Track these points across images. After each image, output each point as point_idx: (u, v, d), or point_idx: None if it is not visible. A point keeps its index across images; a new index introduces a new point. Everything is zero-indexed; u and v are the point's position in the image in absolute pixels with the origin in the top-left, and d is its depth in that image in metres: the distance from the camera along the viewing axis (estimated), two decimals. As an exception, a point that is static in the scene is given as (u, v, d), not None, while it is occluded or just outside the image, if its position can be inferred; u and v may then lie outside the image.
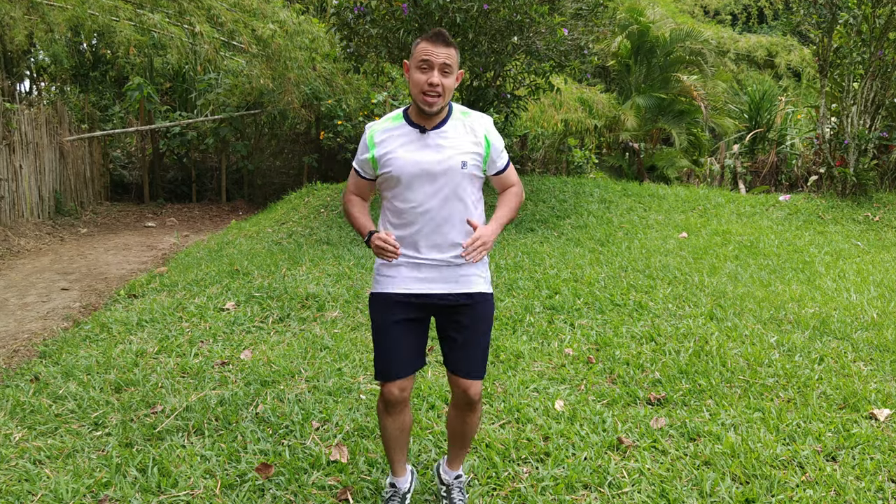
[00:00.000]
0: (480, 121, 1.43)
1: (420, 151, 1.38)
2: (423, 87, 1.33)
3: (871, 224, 4.90)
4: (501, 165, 1.47)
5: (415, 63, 1.35)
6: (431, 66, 1.33)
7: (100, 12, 5.18)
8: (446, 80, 1.34)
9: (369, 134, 1.43)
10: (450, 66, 1.34)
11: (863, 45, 5.11)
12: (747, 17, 14.19)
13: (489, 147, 1.42)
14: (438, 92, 1.34)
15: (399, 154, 1.38)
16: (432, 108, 1.35)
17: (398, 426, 1.48)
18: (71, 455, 1.81)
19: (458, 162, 1.38)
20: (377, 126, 1.44)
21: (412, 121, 1.41)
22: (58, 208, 6.03)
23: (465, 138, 1.40)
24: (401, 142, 1.39)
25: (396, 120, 1.43)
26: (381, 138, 1.41)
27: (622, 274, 3.45)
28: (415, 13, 4.37)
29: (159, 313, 2.95)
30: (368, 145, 1.42)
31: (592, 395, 2.14)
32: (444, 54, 1.33)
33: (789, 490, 1.62)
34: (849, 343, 2.52)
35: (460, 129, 1.41)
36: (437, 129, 1.40)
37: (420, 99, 1.35)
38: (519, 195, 1.49)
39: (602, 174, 8.01)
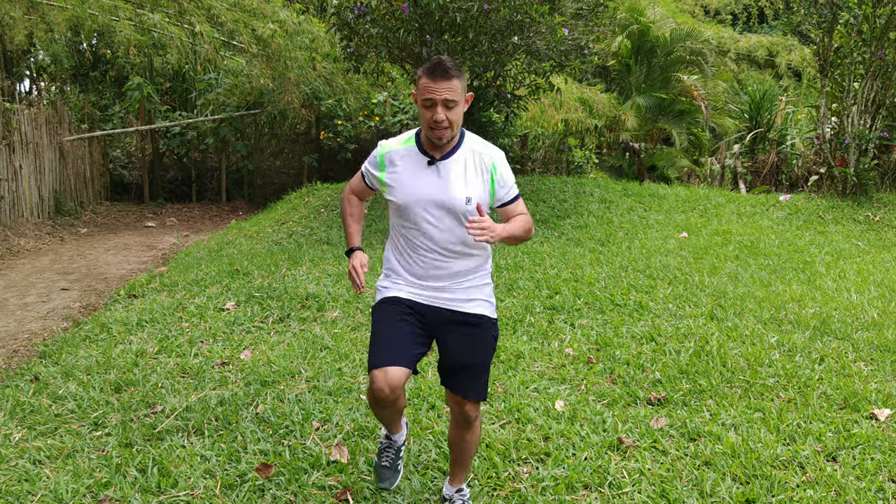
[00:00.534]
0: (491, 154, 1.42)
1: (425, 182, 1.39)
2: (429, 122, 1.34)
3: (871, 224, 4.90)
4: (507, 198, 1.44)
5: (420, 98, 1.36)
6: (434, 103, 1.32)
7: (100, 12, 5.18)
8: (451, 115, 1.33)
9: (380, 154, 1.44)
10: (453, 101, 1.33)
11: (863, 45, 5.10)
12: (748, 16, 14.18)
13: (494, 182, 1.41)
14: (444, 126, 1.34)
15: (405, 183, 1.40)
16: (441, 142, 1.37)
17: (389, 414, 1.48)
18: (71, 455, 1.81)
19: (464, 197, 1.38)
20: (389, 146, 1.44)
21: (423, 147, 1.41)
22: (58, 208, 6.03)
23: (473, 172, 1.40)
24: (408, 170, 1.41)
25: (408, 143, 1.43)
26: (391, 160, 1.43)
27: (622, 274, 3.45)
28: (415, 13, 4.36)
29: (159, 313, 2.95)
30: (379, 164, 1.45)
31: (593, 395, 2.14)
32: (445, 89, 1.31)
33: (790, 490, 1.61)
34: (849, 343, 2.52)
35: (469, 161, 1.40)
36: (446, 160, 1.40)
37: (429, 134, 1.36)
38: (528, 222, 1.45)
39: (602, 174, 8.02)
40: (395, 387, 1.36)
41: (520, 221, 1.44)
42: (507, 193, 1.45)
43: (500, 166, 1.42)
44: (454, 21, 4.32)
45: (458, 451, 1.51)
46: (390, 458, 1.56)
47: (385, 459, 1.56)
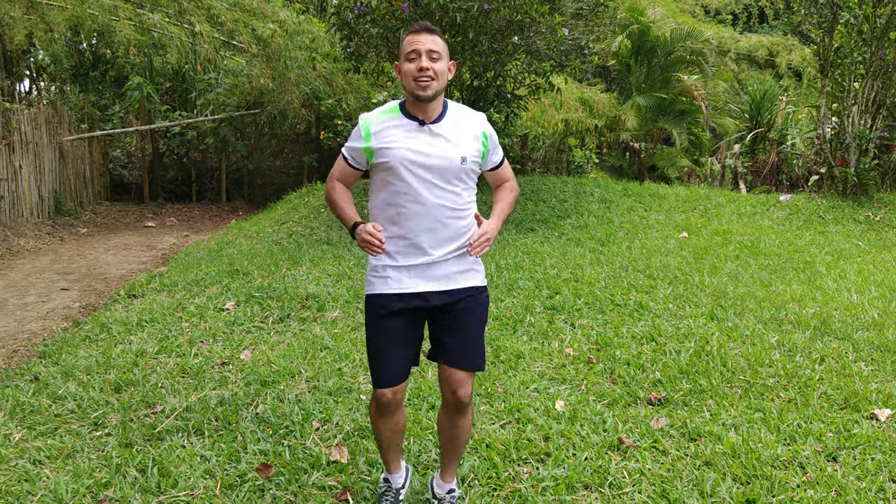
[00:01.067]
0: (476, 116, 1.44)
1: (419, 143, 1.36)
2: (413, 73, 1.32)
3: (871, 224, 4.90)
4: (497, 161, 1.48)
5: (404, 57, 1.35)
6: (419, 53, 1.33)
7: (99, 12, 5.17)
8: (436, 65, 1.33)
9: (364, 124, 1.39)
10: (437, 52, 1.34)
11: (864, 45, 5.10)
12: (748, 16, 14.17)
13: (486, 142, 1.42)
14: (430, 76, 1.33)
15: (399, 144, 1.35)
16: (426, 92, 1.33)
17: (391, 427, 1.47)
18: (71, 455, 1.80)
19: (459, 157, 1.37)
20: (372, 117, 1.40)
21: (409, 114, 1.39)
22: (57, 208, 6.03)
23: (464, 133, 1.40)
24: (399, 133, 1.37)
25: (393, 112, 1.40)
26: (378, 129, 1.37)
27: (623, 274, 3.44)
28: (415, 13, 4.36)
29: (159, 313, 2.94)
30: (364, 136, 1.38)
31: (593, 395, 2.13)
32: (429, 40, 1.33)
33: (790, 490, 1.61)
34: (850, 343, 2.52)
35: (459, 124, 1.41)
36: (436, 123, 1.38)
37: (413, 86, 1.34)
38: (514, 189, 1.52)
39: (602, 174, 8.01)
40: (397, 391, 1.43)
41: (507, 199, 1.49)
42: (496, 155, 1.48)
43: (488, 128, 1.45)
44: (454, 21, 4.31)
45: (450, 441, 1.47)
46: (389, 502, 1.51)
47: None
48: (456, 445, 1.49)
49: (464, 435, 1.48)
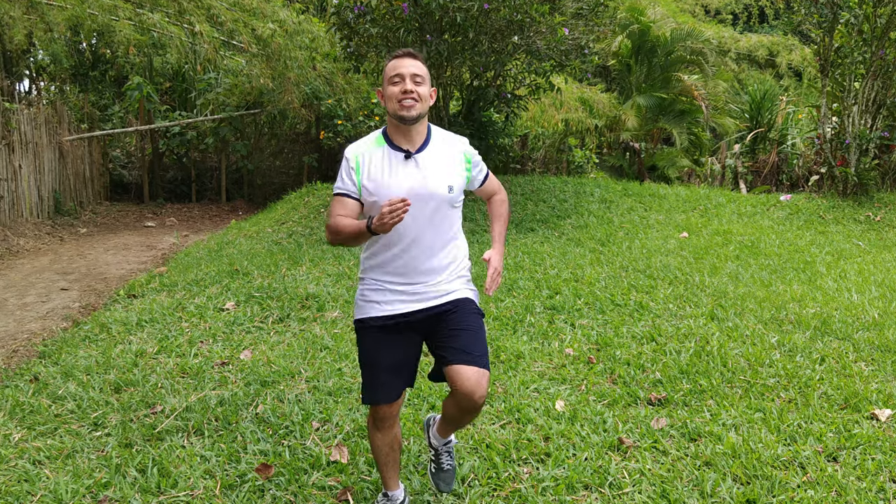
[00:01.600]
0: (459, 142, 1.47)
1: (406, 177, 1.38)
2: (397, 96, 1.35)
3: (872, 224, 4.89)
4: (482, 178, 1.53)
5: (387, 82, 1.38)
6: (403, 77, 1.36)
7: (99, 12, 5.17)
8: (420, 88, 1.36)
9: (354, 158, 1.39)
10: (420, 76, 1.37)
11: (864, 45, 5.10)
12: (748, 16, 14.17)
13: (470, 166, 1.47)
14: (414, 98, 1.34)
15: (386, 181, 1.37)
16: (410, 113, 1.34)
17: (388, 442, 1.47)
18: (70, 455, 1.80)
19: (446, 187, 1.39)
20: (360, 148, 1.41)
21: (394, 143, 1.40)
22: (57, 208, 6.03)
23: (449, 161, 1.43)
24: (385, 167, 1.38)
25: (378, 143, 1.41)
26: (365, 160, 1.39)
27: (623, 274, 3.44)
28: (415, 12, 4.36)
29: (159, 313, 2.94)
30: (355, 167, 1.39)
31: (593, 395, 2.13)
32: (412, 65, 1.37)
33: (790, 490, 1.61)
34: (850, 343, 2.52)
35: (443, 151, 1.43)
36: (421, 152, 1.40)
37: (397, 108, 1.35)
38: (504, 201, 1.57)
39: (603, 174, 8.00)
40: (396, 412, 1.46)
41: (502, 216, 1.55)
42: (481, 173, 1.52)
43: (470, 151, 1.48)
44: (454, 21, 4.31)
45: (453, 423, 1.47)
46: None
47: None
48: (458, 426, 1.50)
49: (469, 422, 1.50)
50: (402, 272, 1.39)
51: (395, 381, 1.42)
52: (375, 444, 1.47)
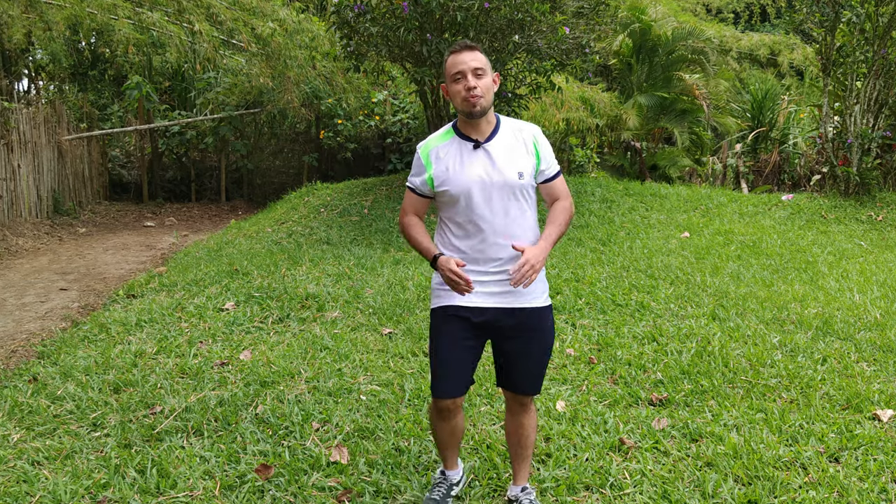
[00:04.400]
0: (529, 129, 1.46)
1: (476, 166, 1.39)
2: (462, 93, 1.37)
3: (874, 224, 4.88)
4: (550, 174, 1.46)
5: (449, 79, 1.39)
6: (464, 73, 1.37)
7: (98, 10, 5.16)
8: (482, 81, 1.38)
9: (423, 152, 1.44)
10: (481, 69, 1.38)
11: (866, 44, 5.08)
12: (749, 15, 14.14)
13: (539, 155, 1.44)
14: (478, 93, 1.37)
15: (456, 171, 1.40)
16: (476, 108, 1.38)
17: (449, 431, 1.50)
18: (69, 456, 1.80)
19: (516, 174, 1.40)
20: (430, 143, 1.45)
21: (463, 134, 1.43)
22: (56, 208, 6.02)
23: (518, 149, 1.42)
24: (456, 158, 1.41)
25: (447, 135, 1.45)
26: (436, 155, 1.43)
27: (624, 274, 3.43)
28: (415, 11, 4.35)
29: (158, 313, 2.93)
30: (425, 164, 1.44)
31: (594, 395, 2.13)
32: (471, 58, 1.37)
33: (792, 491, 1.61)
34: (852, 343, 2.51)
35: (511, 139, 1.43)
36: (490, 141, 1.42)
37: (464, 106, 1.38)
38: (568, 210, 1.47)
39: (604, 173, 7.99)
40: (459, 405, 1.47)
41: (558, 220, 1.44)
42: (549, 167, 1.47)
43: (541, 139, 1.46)
44: (455, 19, 4.30)
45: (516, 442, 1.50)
46: (441, 493, 1.53)
47: (436, 493, 1.54)
48: (522, 447, 1.51)
49: (530, 435, 1.51)
50: (476, 261, 1.40)
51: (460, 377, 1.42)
52: (436, 430, 1.51)
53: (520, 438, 1.51)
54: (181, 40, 5.58)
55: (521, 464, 1.54)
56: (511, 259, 1.40)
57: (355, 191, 5.72)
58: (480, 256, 1.40)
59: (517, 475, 1.56)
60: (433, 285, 1.47)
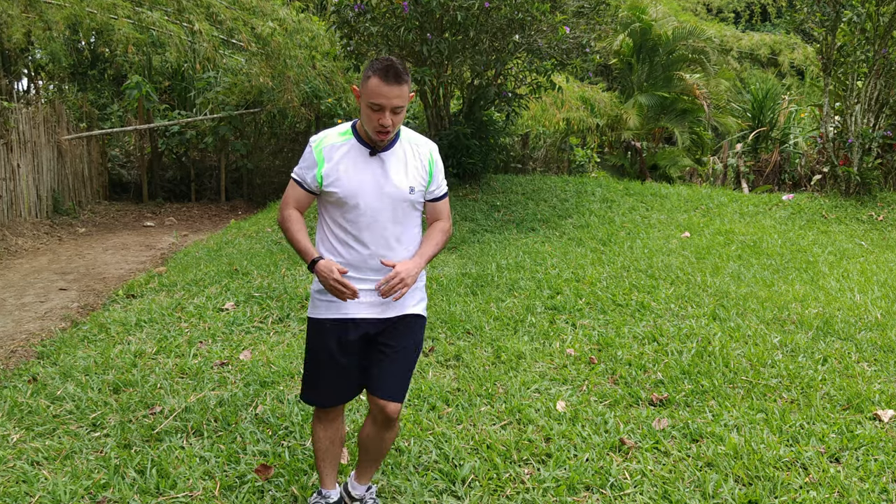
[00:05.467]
0: (427, 146, 1.45)
1: (368, 173, 1.37)
2: (375, 125, 1.33)
3: (874, 223, 4.87)
4: (438, 194, 1.46)
5: (366, 100, 1.32)
6: (383, 108, 1.31)
7: (98, 10, 5.15)
8: (397, 118, 1.34)
9: (317, 147, 1.39)
10: (401, 107, 1.33)
11: (867, 44, 5.07)
12: (750, 14, 14.13)
13: (432, 174, 1.43)
14: (389, 130, 1.34)
15: (348, 174, 1.37)
16: (383, 143, 1.36)
17: (329, 437, 1.47)
18: (69, 456, 1.79)
19: (407, 187, 1.39)
20: (326, 140, 1.40)
21: (362, 138, 1.39)
22: (56, 208, 6.02)
23: (413, 163, 1.41)
24: (350, 161, 1.38)
25: (346, 135, 1.40)
26: (329, 154, 1.38)
27: (624, 274, 3.43)
28: (415, 11, 4.34)
29: (158, 313, 2.93)
30: (317, 160, 1.38)
31: (594, 395, 2.12)
32: (395, 95, 1.30)
33: (792, 491, 1.60)
34: (852, 343, 2.51)
35: (409, 152, 1.42)
36: (387, 151, 1.40)
37: (372, 134, 1.35)
38: (446, 232, 1.47)
39: (604, 173, 7.98)
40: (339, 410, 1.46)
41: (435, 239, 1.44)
42: (439, 188, 1.46)
43: (436, 157, 1.45)
44: (455, 19, 4.29)
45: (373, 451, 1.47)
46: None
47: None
48: (378, 456, 1.49)
49: (387, 447, 1.49)
50: (355, 267, 1.38)
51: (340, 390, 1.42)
52: (317, 436, 1.47)
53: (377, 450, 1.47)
54: (181, 40, 5.58)
55: (370, 466, 1.51)
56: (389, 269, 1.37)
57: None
58: (362, 265, 1.38)
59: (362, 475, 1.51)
60: (312, 292, 1.43)
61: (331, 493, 1.52)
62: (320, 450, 1.48)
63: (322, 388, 1.42)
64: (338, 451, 1.49)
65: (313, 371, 1.43)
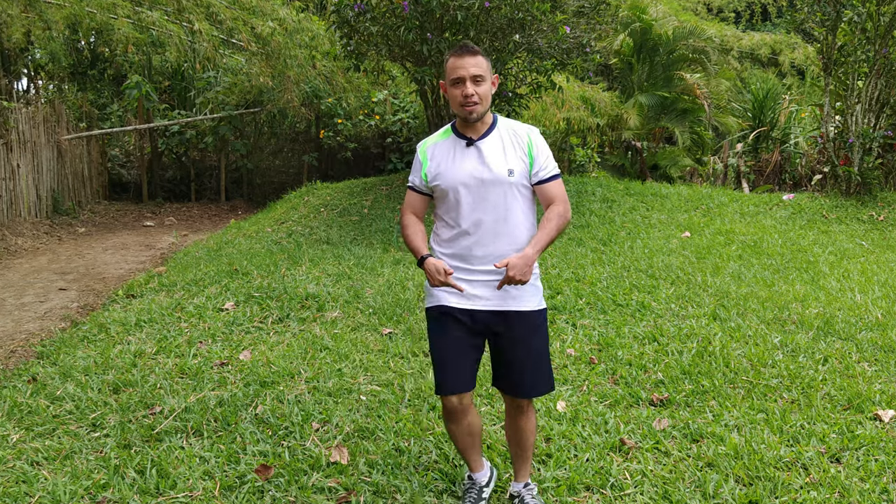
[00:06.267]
0: (525, 130, 1.47)
1: (466, 162, 1.42)
2: (459, 99, 1.40)
3: (875, 223, 4.87)
4: (545, 175, 1.44)
5: (449, 81, 1.42)
6: (463, 79, 1.39)
7: (98, 10, 5.15)
8: (480, 89, 1.40)
9: (421, 149, 1.49)
10: (480, 76, 1.39)
11: (867, 43, 5.07)
12: (751, 14, 14.12)
13: (532, 155, 1.44)
14: (475, 101, 1.39)
15: (448, 166, 1.43)
16: (473, 116, 1.41)
17: (465, 431, 1.49)
18: (69, 456, 1.79)
19: (505, 170, 1.41)
20: (428, 141, 1.50)
21: (460, 133, 1.46)
22: (55, 207, 6.02)
23: (511, 147, 1.44)
24: (448, 154, 1.44)
25: (445, 134, 1.48)
26: (432, 153, 1.47)
27: (624, 274, 3.43)
28: (415, 10, 4.34)
29: (158, 313, 2.93)
30: (422, 160, 1.47)
31: (594, 395, 2.12)
32: (472, 63, 1.38)
33: (793, 492, 1.60)
34: (853, 343, 2.50)
35: (506, 138, 1.45)
36: (483, 139, 1.44)
37: (461, 111, 1.41)
38: (562, 216, 1.42)
39: (604, 173, 7.97)
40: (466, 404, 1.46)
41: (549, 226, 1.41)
42: (544, 169, 1.44)
43: (536, 139, 1.46)
44: (455, 19, 4.29)
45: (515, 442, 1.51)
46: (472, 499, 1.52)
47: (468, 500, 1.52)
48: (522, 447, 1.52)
49: (529, 436, 1.51)
50: (466, 260, 1.41)
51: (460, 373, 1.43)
52: (451, 432, 1.51)
53: (518, 440, 1.52)
54: (181, 39, 5.57)
55: (521, 463, 1.55)
56: (500, 258, 1.39)
57: (355, 190, 5.71)
58: (468, 254, 1.41)
59: (518, 473, 1.57)
60: (426, 285, 1.48)
61: (478, 475, 1.55)
62: (459, 443, 1.51)
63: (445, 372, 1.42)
64: (477, 440, 1.52)
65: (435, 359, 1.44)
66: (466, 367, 1.44)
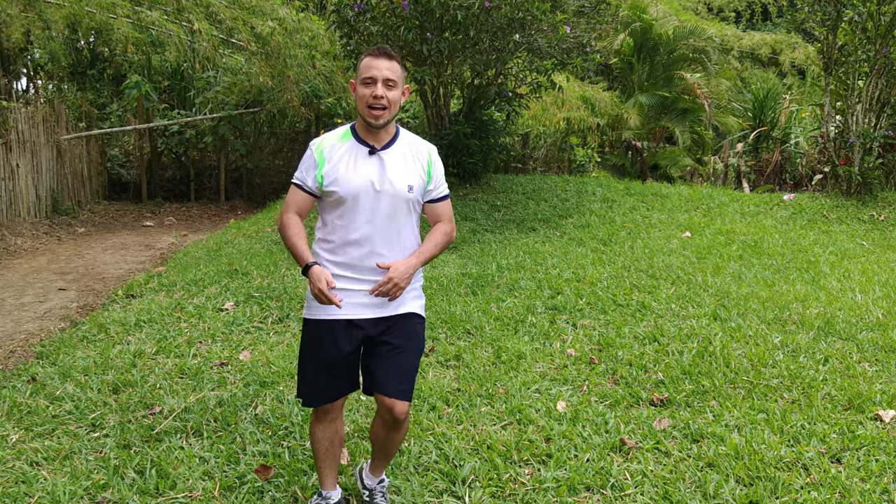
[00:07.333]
0: (426, 147, 1.46)
1: (368, 171, 1.38)
2: (367, 100, 1.35)
3: (875, 223, 4.87)
4: (437, 195, 1.46)
5: (360, 79, 1.37)
6: (375, 80, 1.34)
7: (97, 9, 5.14)
8: (390, 93, 1.36)
9: (317, 149, 1.41)
10: (393, 81, 1.36)
11: (868, 43, 5.07)
12: (751, 14, 14.12)
13: (430, 174, 1.43)
14: (383, 105, 1.35)
15: (346, 172, 1.38)
16: (378, 122, 1.36)
17: (328, 437, 1.46)
18: (68, 457, 1.79)
19: (405, 185, 1.39)
20: (325, 141, 1.42)
21: (360, 138, 1.41)
22: (55, 207, 6.01)
23: (413, 162, 1.42)
24: (349, 159, 1.39)
25: (345, 137, 1.42)
26: (330, 154, 1.39)
27: (625, 274, 3.43)
28: (415, 10, 4.34)
29: (157, 314, 2.93)
30: (318, 161, 1.39)
31: (595, 396, 2.12)
32: (386, 67, 1.34)
33: (793, 492, 1.60)
34: (854, 344, 2.50)
35: (407, 152, 1.43)
36: (386, 150, 1.41)
37: (366, 113, 1.37)
38: (448, 234, 1.45)
39: (604, 173, 7.97)
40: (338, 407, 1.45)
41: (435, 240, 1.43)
42: (438, 188, 1.46)
43: (435, 158, 1.46)
44: (455, 18, 4.29)
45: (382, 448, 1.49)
46: None
47: None
48: (388, 452, 1.50)
49: (396, 445, 1.49)
50: (351, 268, 1.38)
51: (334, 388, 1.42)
52: (315, 435, 1.47)
53: (385, 447, 1.48)
54: (180, 39, 5.57)
55: (381, 461, 1.52)
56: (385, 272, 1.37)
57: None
58: (359, 264, 1.38)
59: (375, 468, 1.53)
60: (308, 294, 1.43)
61: (331, 493, 1.51)
62: (319, 451, 1.48)
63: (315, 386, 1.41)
64: (337, 451, 1.49)
65: (308, 370, 1.43)
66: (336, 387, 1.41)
